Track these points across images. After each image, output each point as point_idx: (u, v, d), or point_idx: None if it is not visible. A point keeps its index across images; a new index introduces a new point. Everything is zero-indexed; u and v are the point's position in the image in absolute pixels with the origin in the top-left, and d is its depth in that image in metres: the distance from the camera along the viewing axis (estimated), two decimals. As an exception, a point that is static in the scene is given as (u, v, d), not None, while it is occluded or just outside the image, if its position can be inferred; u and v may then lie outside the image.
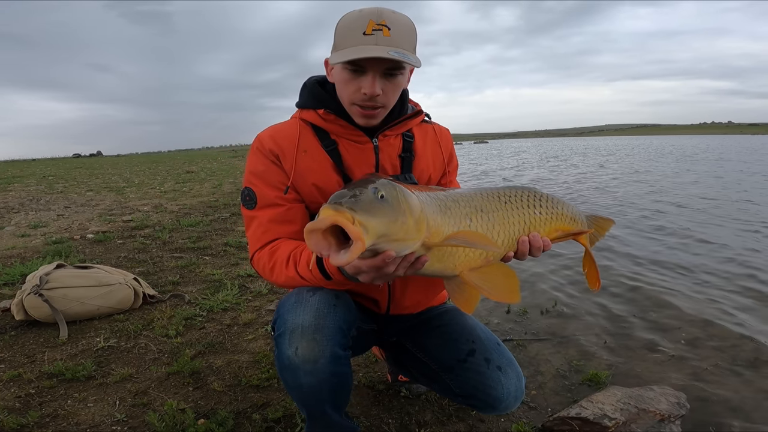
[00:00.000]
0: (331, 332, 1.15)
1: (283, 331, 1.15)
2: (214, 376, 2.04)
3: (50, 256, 4.22)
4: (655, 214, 6.47)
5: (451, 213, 1.03)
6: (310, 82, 1.38)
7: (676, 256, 4.32)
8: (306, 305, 1.16)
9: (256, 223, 1.29)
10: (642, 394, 1.93)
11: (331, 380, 1.17)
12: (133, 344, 2.37)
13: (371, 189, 0.89)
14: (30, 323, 2.60)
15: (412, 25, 1.20)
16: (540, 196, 1.28)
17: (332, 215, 0.80)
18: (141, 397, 1.88)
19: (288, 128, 1.33)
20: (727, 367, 2.27)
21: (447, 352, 1.40)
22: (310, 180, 1.28)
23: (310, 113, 1.32)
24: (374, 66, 1.16)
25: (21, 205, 8.65)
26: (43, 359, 2.21)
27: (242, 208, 1.33)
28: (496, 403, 1.32)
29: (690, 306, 3.05)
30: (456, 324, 1.46)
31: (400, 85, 1.25)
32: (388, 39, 1.13)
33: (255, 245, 1.29)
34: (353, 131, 1.30)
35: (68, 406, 1.83)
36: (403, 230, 0.90)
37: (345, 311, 1.21)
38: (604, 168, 16.41)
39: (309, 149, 1.30)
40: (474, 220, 1.08)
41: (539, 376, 2.14)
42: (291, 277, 1.19)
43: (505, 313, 2.90)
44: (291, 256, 1.19)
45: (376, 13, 1.15)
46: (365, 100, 1.21)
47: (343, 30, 1.18)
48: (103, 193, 10.47)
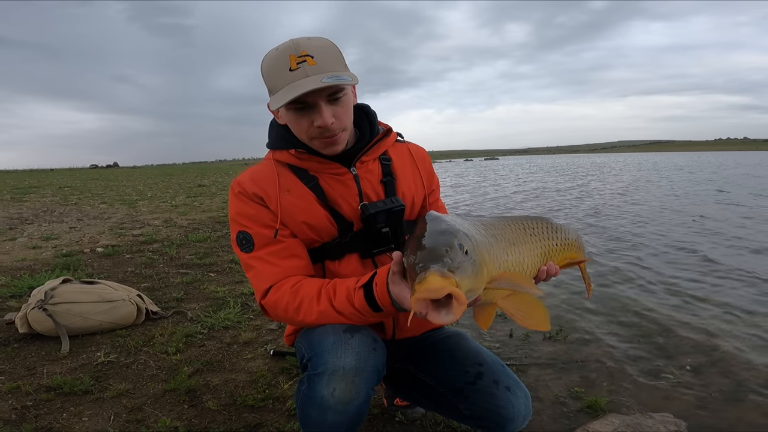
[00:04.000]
0: (369, 375, 1.17)
1: (323, 372, 1.14)
2: (210, 395, 2.04)
3: (59, 269, 4.28)
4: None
5: (494, 249, 1.07)
6: (276, 122, 1.36)
7: (692, 283, 4.26)
8: (347, 347, 1.16)
9: (260, 263, 1.25)
10: (641, 422, 1.90)
11: (355, 419, 1.19)
12: (132, 360, 2.39)
13: (457, 245, 0.92)
14: (33, 336, 2.64)
15: (332, 45, 1.20)
16: (556, 226, 1.34)
17: (446, 285, 0.84)
18: (136, 413, 1.89)
19: (265, 170, 1.32)
20: (732, 396, 2.22)
21: (455, 376, 1.41)
22: (299, 219, 1.28)
23: (284, 154, 1.31)
24: (315, 97, 1.15)
25: (35, 216, 8.80)
26: (42, 372, 2.23)
27: (239, 254, 1.30)
28: (506, 423, 1.33)
29: (697, 333, 3.00)
30: (462, 348, 1.47)
31: (348, 105, 1.25)
32: (315, 67, 1.13)
33: (265, 284, 1.24)
34: (330, 165, 1.30)
35: (63, 419, 1.84)
36: (482, 282, 0.95)
37: (382, 354, 1.22)
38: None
39: (291, 188, 1.29)
40: (510, 254, 1.13)
41: (538, 403, 2.11)
42: (324, 313, 1.17)
43: (507, 337, 2.88)
44: (323, 292, 1.18)
45: (292, 46, 1.15)
46: (323, 132, 1.20)
47: (269, 73, 1.18)
48: (115, 206, 10.62)
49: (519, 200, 12.65)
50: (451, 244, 0.91)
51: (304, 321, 1.21)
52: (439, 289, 0.83)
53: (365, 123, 1.37)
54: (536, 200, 12.31)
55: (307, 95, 1.13)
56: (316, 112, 1.17)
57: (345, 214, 1.31)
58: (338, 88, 1.17)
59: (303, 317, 1.20)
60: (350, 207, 1.31)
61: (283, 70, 1.13)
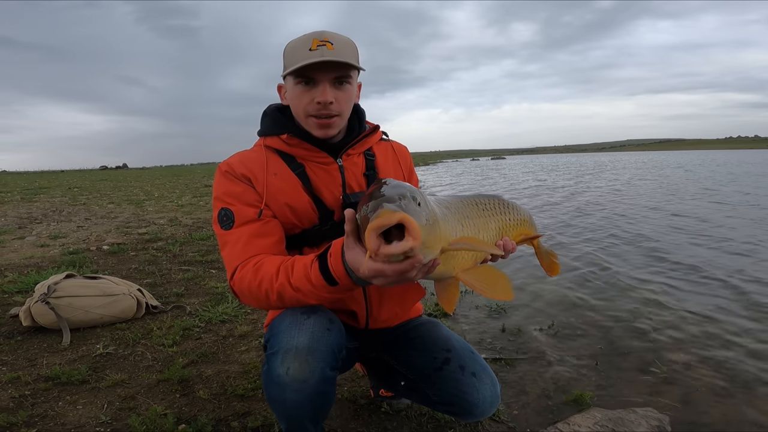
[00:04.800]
0: (324, 355, 1.19)
1: (277, 351, 1.19)
2: (201, 385, 2.10)
3: (65, 266, 4.37)
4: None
5: (448, 220, 1.08)
6: (270, 109, 1.44)
7: (685, 277, 4.26)
8: (301, 327, 1.19)
9: (235, 239, 1.27)
10: (623, 417, 1.92)
11: (315, 398, 1.21)
12: (130, 352, 2.46)
13: (410, 196, 0.91)
14: (36, 329, 2.71)
15: (352, 43, 1.30)
16: (507, 203, 1.38)
17: (399, 215, 0.82)
18: (128, 401, 1.95)
19: (254, 154, 1.38)
20: (719, 392, 2.23)
21: (423, 362, 1.46)
22: (282, 200, 1.33)
23: (274, 140, 1.37)
24: (323, 76, 1.25)
25: (44, 215, 8.94)
26: (43, 363, 2.31)
27: (218, 230, 1.32)
28: (472, 408, 1.38)
29: (685, 330, 3.02)
30: (431, 334, 1.52)
31: (351, 95, 1.33)
32: (332, 52, 1.23)
33: (235, 262, 1.25)
34: (317, 153, 1.36)
35: (58, 407, 1.91)
36: (435, 237, 0.94)
37: (338, 335, 1.25)
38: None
39: (278, 172, 1.34)
40: (464, 225, 1.14)
41: (524, 396, 2.14)
42: (281, 291, 1.15)
43: (500, 331, 2.91)
44: (281, 268, 1.16)
45: (318, 33, 1.25)
46: (320, 110, 1.27)
47: (290, 51, 1.27)
48: (123, 206, 10.75)
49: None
50: (403, 194, 0.90)
51: (269, 301, 1.19)
52: (391, 215, 0.82)
53: (355, 119, 1.44)
54: (528, 199, 12.30)
55: (316, 70, 1.24)
56: (319, 88, 1.26)
57: (327, 202, 1.37)
58: (345, 75, 1.28)
59: (266, 296, 1.18)
60: (333, 196, 1.37)
61: (303, 49, 1.23)
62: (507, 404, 2.06)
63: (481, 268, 1.16)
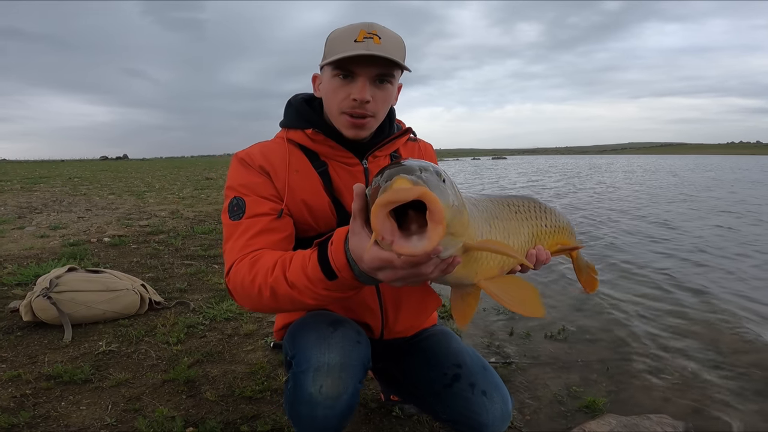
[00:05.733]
0: (355, 369, 1.15)
1: (306, 369, 1.13)
2: (208, 386, 2.05)
3: (66, 258, 4.32)
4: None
5: (474, 217, 0.93)
6: (296, 100, 1.34)
7: (697, 278, 4.23)
8: (330, 342, 1.14)
9: (241, 231, 1.15)
10: (638, 423, 1.90)
11: (345, 413, 1.17)
12: (133, 350, 2.41)
13: (434, 170, 0.74)
14: (37, 325, 2.66)
15: (401, 40, 1.21)
16: (544, 208, 1.22)
17: (420, 189, 0.64)
18: (134, 402, 1.90)
19: (276, 147, 1.29)
20: (733, 398, 2.21)
21: (432, 377, 1.38)
22: (300, 198, 1.24)
23: (298, 133, 1.28)
24: (364, 71, 1.16)
25: (44, 205, 8.88)
26: (44, 361, 2.25)
27: (225, 220, 1.21)
28: (482, 428, 1.30)
29: (702, 332, 2.99)
30: (442, 347, 1.43)
31: (390, 96, 1.24)
32: (378, 46, 1.13)
33: (235, 255, 1.12)
34: (343, 153, 1.28)
35: (61, 408, 1.86)
36: (462, 225, 0.77)
37: (366, 347, 1.21)
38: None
39: (300, 170, 1.26)
40: (492, 227, 1.00)
41: (535, 402, 2.11)
42: (275, 287, 1.00)
43: (508, 335, 2.87)
44: (279, 261, 1.02)
45: (366, 24, 1.16)
46: (355, 107, 1.18)
47: (333, 41, 1.18)
48: (124, 197, 10.69)
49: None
50: (425, 167, 0.73)
51: (261, 299, 1.03)
52: (408, 189, 0.64)
53: (385, 120, 1.35)
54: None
55: (357, 64, 1.14)
56: (358, 84, 1.16)
57: (347, 205, 1.29)
58: (388, 74, 1.19)
59: (258, 294, 1.02)
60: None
61: (349, 39, 1.14)
62: (519, 409, 2.03)
63: (508, 277, 1.02)
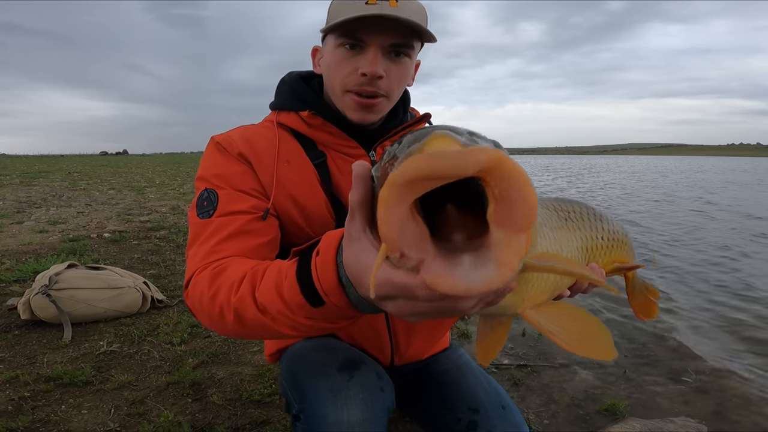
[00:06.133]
0: (379, 421, 0.97)
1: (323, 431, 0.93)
2: (214, 389, 1.97)
3: (65, 253, 4.24)
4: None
5: None
6: (291, 77, 1.12)
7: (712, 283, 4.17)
8: (348, 395, 0.93)
9: (209, 232, 0.91)
10: (661, 427, 1.85)
11: None
12: (135, 350, 2.33)
13: (484, 136, 0.47)
14: (35, 323, 2.58)
15: (423, 6, 1.00)
16: (600, 216, 0.96)
17: (487, 152, 0.36)
18: (137, 406, 1.83)
19: (263, 131, 1.06)
20: (754, 400, 2.16)
21: (447, 422, 1.17)
22: (289, 192, 1.01)
23: (291, 116, 1.06)
24: (376, 39, 0.95)
25: (43, 200, 8.79)
26: (43, 361, 2.17)
27: (192, 218, 0.96)
28: None
29: (717, 336, 2.93)
30: (457, 385, 1.22)
31: (407, 72, 1.03)
32: (395, 9, 0.91)
33: (196, 264, 0.87)
34: (346, 141, 1.06)
35: (62, 411, 1.78)
36: (534, 234, 0.48)
37: (390, 391, 1.03)
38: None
39: (292, 160, 1.03)
40: (543, 237, 0.73)
41: (553, 405, 2.04)
42: (239, 310, 0.73)
43: (520, 335, 2.79)
44: (246, 277, 0.75)
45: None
46: (364, 84, 0.97)
47: (338, 4, 0.97)
48: (124, 192, 10.60)
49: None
50: (477, 134, 0.46)
51: (224, 323, 0.78)
52: (462, 153, 0.36)
53: (399, 103, 1.13)
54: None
55: (368, 29, 0.94)
56: (368, 55, 0.95)
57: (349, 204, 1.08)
58: (405, 46, 0.98)
59: (220, 316, 0.77)
60: None
61: (359, 2, 0.93)
62: (537, 413, 1.97)
63: (561, 305, 0.73)
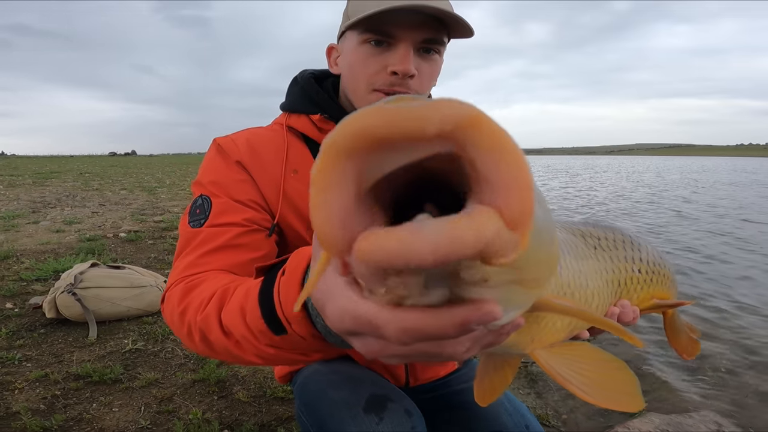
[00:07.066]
0: None
1: None
2: (239, 386, 2.02)
3: (83, 253, 4.30)
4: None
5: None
6: (303, 76, 1.02)
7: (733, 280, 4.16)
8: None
9: (196, 243, 0.83)
10: (681, 422, 1.87)
11: None
12: (159, 348, 2.37)
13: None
14: (59, 322, 2.63)
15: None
16: (639, 245, 0.80)
17: (457, 106, 0.24)
18: (166, 403, 1.87)
19: (271, 136, 0.97)
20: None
21: None
22: (296, 206, 0.92)
23: (302, 119, 0.97)
24: (408, 35, 0.85)
25: (57, 200, 8.89)
26: (71, 359, 2.22)
27: (183, 227, 0.88)
28: None
29: (730, 335, 2.93)
30: (478, 410, 1.08)
31: (437, 71, 0.94)
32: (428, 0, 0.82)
33: (174, 277, 0.80)
34: None
35: (93, 409, 1.83)
36: (550, 262, 0.32)
37: (422, 428, 0.91)
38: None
39: (300, 169, 0.94)
40: (567, 268, 0.60)
41: (570, 400, 2.07)
42: (204, 330, 0.65)
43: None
44: (216, 294, 0.67)
45: None
46: (394, 84, 0.87)
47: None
48: (135, 193, 10.70)
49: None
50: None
51: (194, 344, 0.69)
52: (420, 108, 0.24)
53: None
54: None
55: (399, 23, 0.84)
56: (399, 52, 0.85)
57: None
58: (437, 41, 0.88)
59: (188, 335, 0.69)
60: None
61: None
62: (555, 409, 1.99)
63: (579, 347, 0.60)
